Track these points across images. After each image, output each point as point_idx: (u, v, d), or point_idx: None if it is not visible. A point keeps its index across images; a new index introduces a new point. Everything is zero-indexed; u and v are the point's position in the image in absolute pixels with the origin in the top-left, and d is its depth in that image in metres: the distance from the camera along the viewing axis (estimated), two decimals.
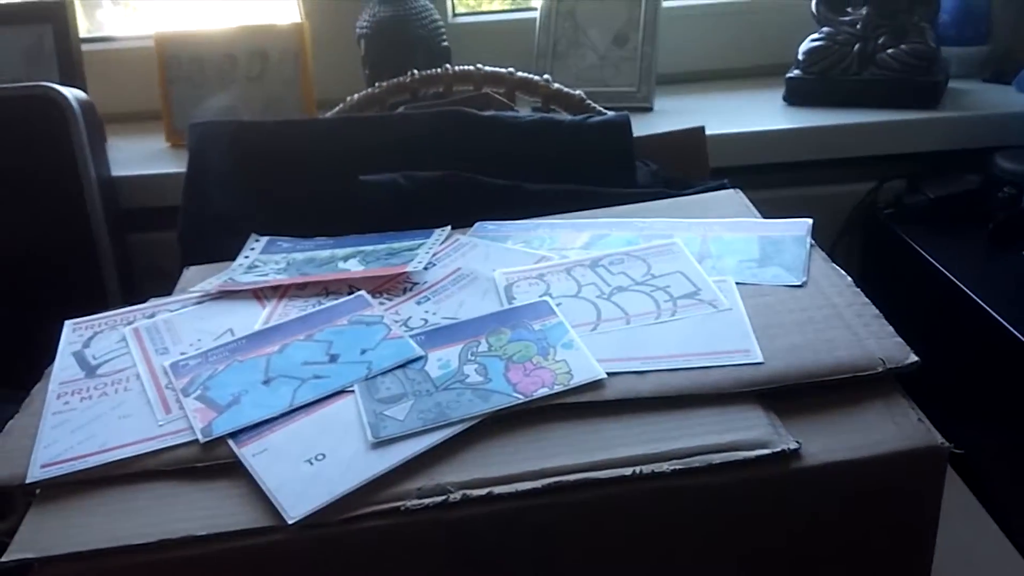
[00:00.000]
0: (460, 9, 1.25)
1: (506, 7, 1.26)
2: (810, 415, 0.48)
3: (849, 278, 0.58)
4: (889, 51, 1.05)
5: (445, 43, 1.11)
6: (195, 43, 1.12)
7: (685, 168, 0.91)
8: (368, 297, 0.64)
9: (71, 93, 0.93)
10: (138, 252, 1.07)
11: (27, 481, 0.49)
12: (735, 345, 0.52)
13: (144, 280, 1.06)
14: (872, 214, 1.05)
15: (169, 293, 0.73)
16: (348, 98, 0.99)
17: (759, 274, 0.60)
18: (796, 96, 1.09)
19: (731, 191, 0.76)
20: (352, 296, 0.65)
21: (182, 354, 0.59)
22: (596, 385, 0.50)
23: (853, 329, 0.52)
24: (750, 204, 0.73)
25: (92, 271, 0.95)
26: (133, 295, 1.02)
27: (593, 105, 0.97)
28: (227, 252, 0.78)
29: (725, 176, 0.83)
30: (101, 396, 0.56)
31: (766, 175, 1.03)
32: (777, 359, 0.50)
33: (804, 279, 0.58)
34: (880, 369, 0.49)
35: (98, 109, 1.02)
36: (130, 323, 0.65)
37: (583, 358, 0.53)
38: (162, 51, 1.12)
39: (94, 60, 1.15)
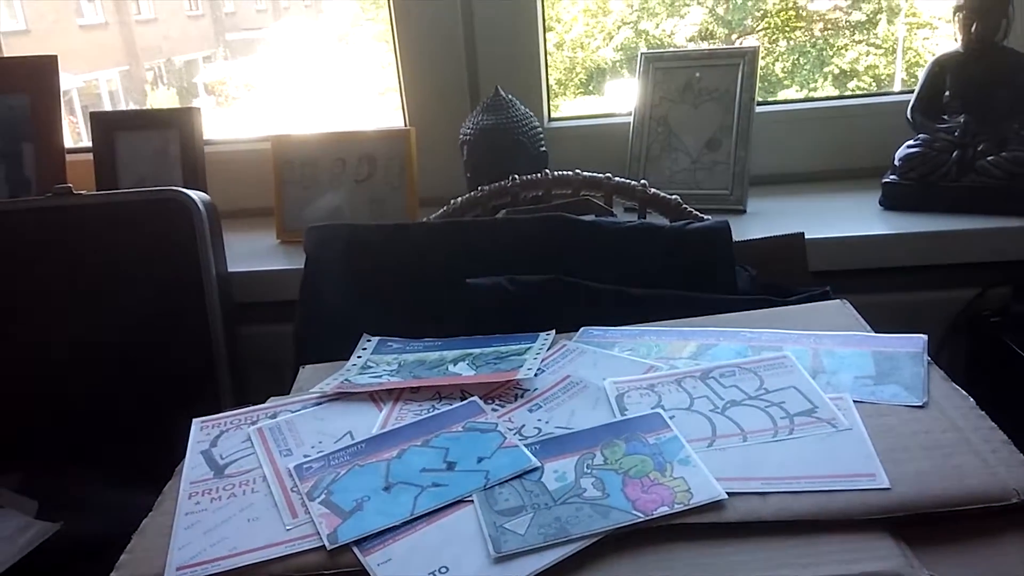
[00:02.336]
0: (555, 113, 1.30)
1: (598, 113, 1.31)
2: (941, 545, 0.47)
3: (971, 399, 0.57)
4: (989, 158, 1.04)
5: (543, 148, 1.15)
6: (308, 146, 1.18)
7: (785, 274, 0.92)
8: (481, 403, 0.66)
9: (198, 196, 0.99)
10: (247, 343, 1.11)
11: None
12: (859, 468, 0.51)
13: (252, 370, 1.11)
14: (977, 322, 1.03)
15: (275, 384, 0.76)
16: (452, 201, 1.03)
17: (877, 392, 0.59)
18: (893, 201, 1.09)
19: (838, 302, 0.76)
20: (465, 402, 0.66)
21: (305, 456, 0.61)
22: (717, 506, 0.50)
23: (981, 455, 0.51)
24: (859, 316, 0.73)
25: (206, 361, 1.00)
26: (241, 384, 1.06)
27: (690, 210, 0.99)
28: (340, 350, 0.81)
29: (824, 281, 0.83)
30: (230, 497, 0.58)
31: (864, 280, 1.02)
32: (904, 485, 0.50)
33: (925, 399, 0.58)
34: (1015, 500, 0.48)
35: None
36: (254, 423, 0.68)
37: (702, 476, 0.53)
38: (278, 154, 1.19)
39: (212, 160, 1.23)
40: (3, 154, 1.19)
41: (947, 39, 1.12)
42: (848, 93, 1.79)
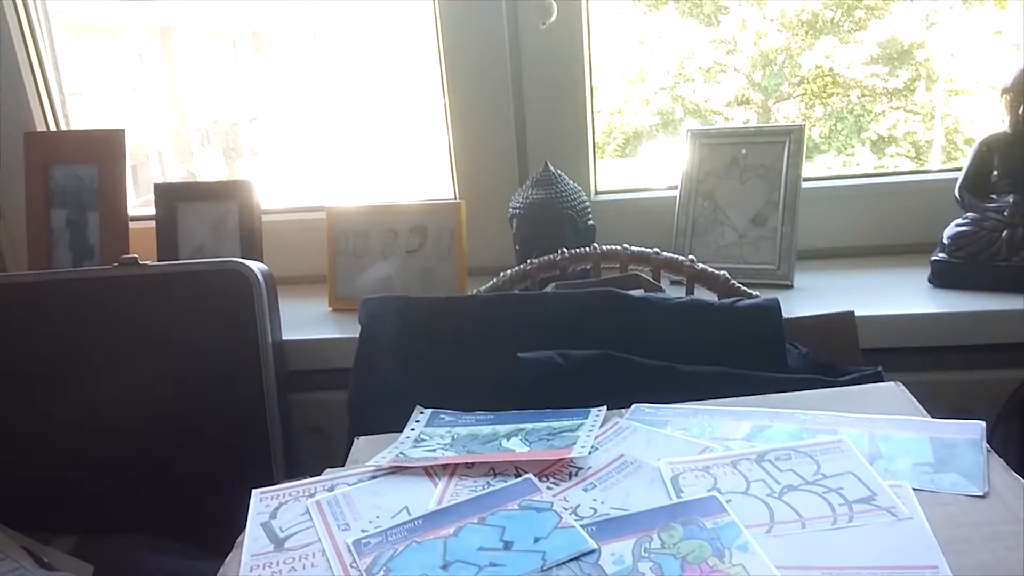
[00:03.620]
0: (602, 187, 1.32)
1: (644, 187, 1.33)
2: None
3: None
4: None
5: (591, 222, 1.17)
6: (361, 217, 1.22)
7: (835, 352, 0.92)
8: (535, 480, 0.66)
9: (257, 267, 1.02)
10: (296, 409, 1.13)
11: None
12: (921, 560, 0.51)
13: (301, 436, 1.12)
14: None
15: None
16: (501, 273, 1.05)
17: (936, 480, 0.59)
18: (942, 279, 1.09)
19: (893, 384, 0.76)
20: (520, 479, 0.67)
21: (363, 531, 0.62)
22: None
23: None
24: (913, 399, 0.73)
25: (260, 428, 1.01)
26: (292, 450, 1.08)
27: (739, 286, 1.00)
28: (393, 421, 0.82)
29: (873, 358, 0.83)
30: (290, 572, 0.59)
31: (914, 358, 1.02)
32: None
33: (986, 489, 0.57)
34: None
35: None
36: (312, 495, 0.69)
37: (762, 564, 0.53)
38: (332, 224, 1.22)
39: (267, 227, 1.27)
40: (69, 222, 1.24)
41: (985, 105, 1.13)
42: (893, 170, 1.80)
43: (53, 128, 1.37)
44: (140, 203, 1.47)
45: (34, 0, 1.34)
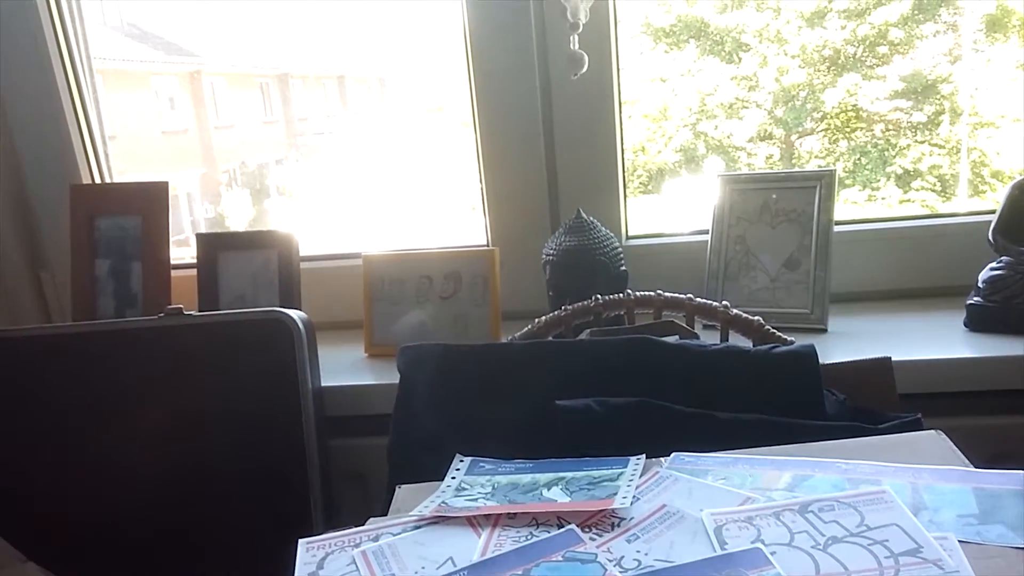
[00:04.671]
0: (633, 231, 1.34)
1: (674, 231, 1.34)
2: None
3: None
4: None
5: (624, 267, 1.18)
6: (397, 264, 1.24)
7: (871, 398, 0.92)
8: (578, 531, 0.67)
9: (298, 316, 1.05)
10: (334, 455, 1.15)
11: None
12: None
13: (337, 481, 1.14)
14: None
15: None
16: (536, 320, 1.07)
17: (982, 532, 0.59)
18: (978, 323, 1.09)
19: (933, 432, 0.76)
20: (563, 530, 0.67)
21: None
22: None
23: None
24: (955, 448, 0.73)
25: (300, 473, 1.03)
26: (329, 496, 1.09)
27: (773, 331, 1.00)
28: (432, 469, 0.83)
29: (909, 403, 0.83)
30: None
31: (950, 402, 1.01)
32: None
33: None
34: None
35: None
36: (357, 545, 0.70)
37: None
38: (368, 271, 1.24)
39: (304, 275, 1.29)
40: (113, 271, 1.27)
41: (1011, 138, 1.13)
42: (923, 212, 1.80)
43: (96, 179, 1.41)
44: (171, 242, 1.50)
45: (80, 54, 1.39)
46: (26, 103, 1.35)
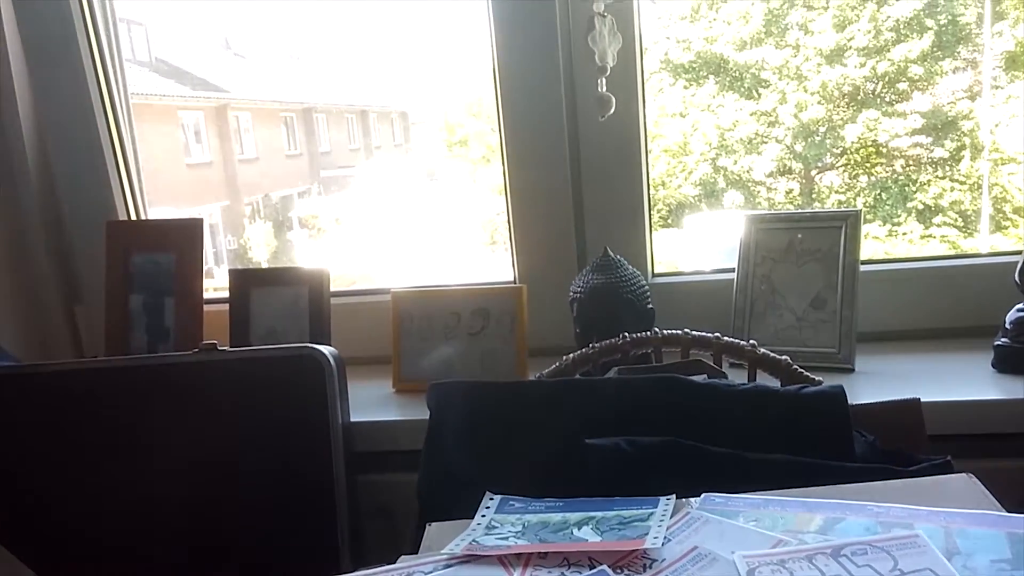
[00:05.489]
0: (659, 269, 1.35)
1: (701, 269, 1.35)
2: None
3: None
4: None
5: (651, 306, 1.19)
6: (425, 301, 1.26)
7: (901, 439, 0.92)
8: (610, 572, 0.67)
9: (329, 352, 1.06)
10: (362, 490, 1.15)
11: None
12: None
13: (367, 517, 1.14)
14: None
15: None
16: (564, 357, 1.08)
17: None
18: (1006, 364, 1.09)
19: (965, 476, 0.76)
20: (595, 570, 0.68)
21: None
22: None
23: None
24: (987, 491, 0.73)
25: (328, 509, 1.04)
26: (358, 531, 1.10)
27: (801, 371, 1.00)
28: (462, 507, 0.83)
29: (936, 444, 0.83)
30: None
31: (978, 444, 1.01)
32: None
33: None
34: None
35: None
36: None
37: None
38: (397, 307, 1.26)
39: (333, 311, 1.31)
40: (146, 306, 1.30)
41: None
42: (949, 253, 1.80)
43: (132, 214, 1.44)
44: None
45: (118, 92, 1.42)
46: (67, 140, 1.39)
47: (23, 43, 1.35)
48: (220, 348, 1.07)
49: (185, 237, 1.27)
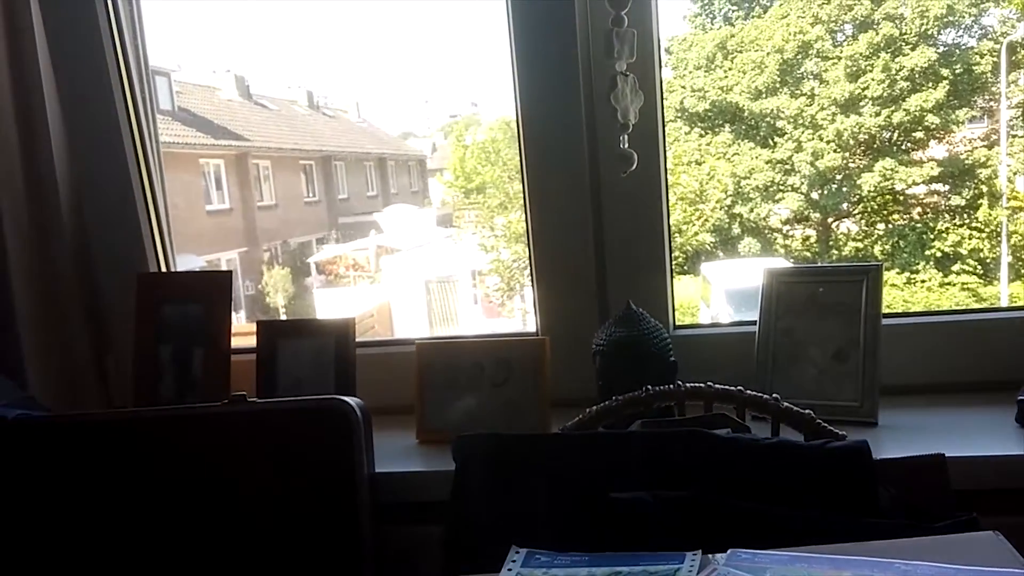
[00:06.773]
0: (680, 320, 1.36)
1: (722, 322, 1.36)
2: None
3: None
4: None
5: (673, 359, 1.20)
6: (450, 351, 1.27)
7: (925, 494, 0.92)
8: None
9: (356, 403, 1.08)
10: (385, 542, 1.16)
11: None
12: None
13: (390, 569, 1.14)
14: None
15: None
16: (587, 410, 1.08)
17: None
18: None
19: (991, 534, 0.76)
20: None
21: None
22: None
23: None
24: (1014, 550, 0.73)
25: (354, 561, 1.04)
26: None
27: (825, 426, 1.01)
28: (488, 558, 0.84)
29: (961, 500, 0.83)
30: None
31: (1004, 500, 1.00)
32: None
33: None
34: None
35: None
36: None
37: None
38: (422, 358, 1.28)
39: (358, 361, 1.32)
40: (175, 356, 1.32)
41: None
42: (972, 307, 1.81)
43: (161, 265, 1.47)
44: None
45: (151, 144, 1.46)
46: (101, 193, 1.42)
47: (59, 96, 1.39)
48: (249, 399, 1.09)
49: (214, 289, 1.30)
